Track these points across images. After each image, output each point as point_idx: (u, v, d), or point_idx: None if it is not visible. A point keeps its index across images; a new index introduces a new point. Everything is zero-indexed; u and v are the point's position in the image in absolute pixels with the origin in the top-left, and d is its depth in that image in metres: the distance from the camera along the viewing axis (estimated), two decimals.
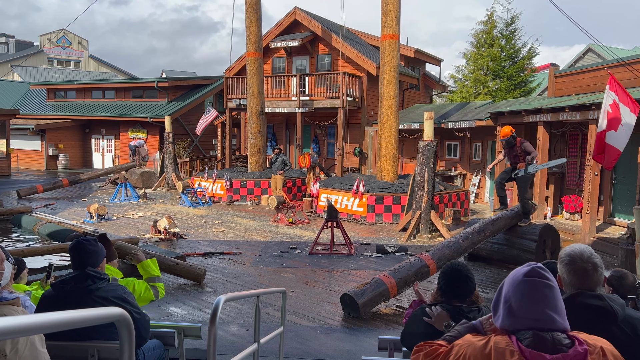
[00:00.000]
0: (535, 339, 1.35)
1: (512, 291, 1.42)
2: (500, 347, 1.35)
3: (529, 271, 1.43)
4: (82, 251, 2.87)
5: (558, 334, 1.37)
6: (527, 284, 1.41)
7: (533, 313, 1.38)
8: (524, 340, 1.36)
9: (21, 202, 14.98)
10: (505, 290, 1.45)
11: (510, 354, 1.33)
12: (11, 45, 49.45)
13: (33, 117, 26.66)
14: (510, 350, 1.34)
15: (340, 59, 19.39)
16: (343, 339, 5.63)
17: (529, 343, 1.35)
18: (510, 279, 1.46)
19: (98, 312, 1.17)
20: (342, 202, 13.10)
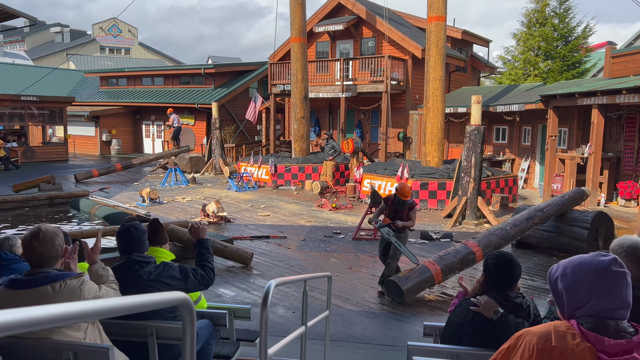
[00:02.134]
0: (598, 324, 1.36)
1: (600, 281, 1.39)
2: (560, 331, 1.37)
3: (615, 262, 1.41)
4: (128, 237, 3.03)
5: (622, 322, 1.37)
6: (617, 274, 1.39)
7: (621, 302, 1.38)
8: (586, 324, 1.37)
9: (79, 186, 15.74)
10: (586, 280, 1.42)
11: (572, 337, 1.34)
12: (66, 35, 51.51)
13: (87, 104, 27.79)
14: (571, 334, 1.35)
15: (384, 42, 19.14)
16: (387, 324, 5.68)
17: (590, 327, 1.36)
18: (592, 270, 1.42)
19: (163, 297, 1.26)
20: (385, 188, 13.05)
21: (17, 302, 2.09)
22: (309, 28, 19.60)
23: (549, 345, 1.35)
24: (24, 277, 2.10)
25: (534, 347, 1.37)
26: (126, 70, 29.21)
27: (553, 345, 1.34)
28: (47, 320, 0.95)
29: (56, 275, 2.09)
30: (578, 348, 1.32)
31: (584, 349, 1.31)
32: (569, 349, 1.32)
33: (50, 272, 2.10)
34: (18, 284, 2.07)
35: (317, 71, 19.61)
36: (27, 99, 22.22)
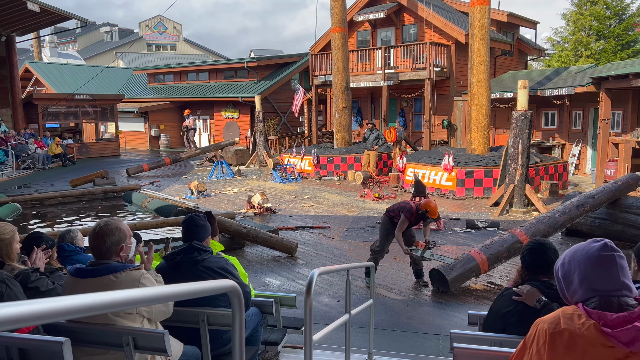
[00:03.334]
0: (602, 301, 1.46)
1: (589, 267, 1.50)
2: (567, 314, 1.48)
3: (604, 246, 1.51)
4: (191, 226, 3.19)
5: (625, 298, 1.46)
6: (605, 259, 1.49)
7: (614, 284, 1.48)
8: (591, 304, 1.47)
9: (130, 180, 16.40)
10: (578, 267, 1.52)
11: (577, 317, 1.45)
12: (115, 34, 53.36)
13: (136, 100, 28.77)
14: (577, 315, 1.46)
15: (426, 28, 18.81)
16: (432, 313, 5.69)
17: (595, 306, 1.46)
18: (582, 256, 1.52)
19: (214, 284, 1.36)
20: (429, 177, 12.92)
21: (82, 290, 2.27)
22: (350, 17, 19.51)
23: (558, 328, 1.46)
24: (88, 267, 2.28)
25: (546, 332, 1.48)
26: (172, 67, 30.01)
27: (562, 328, 1.45)
28: (114, 304, 1.06)
29: (117, 266, 2.25)
30: (584, 326, 1.42)
31: (589, 326, 1.42)
32: (576, 328, 1.43)
33: (112, 263, 2.26)
34: (83, 273, 2.25)
35: (358, 60, 19.53)
36: (81, 97, 23.26)
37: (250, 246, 8.34)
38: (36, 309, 0.82)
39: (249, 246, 8.34)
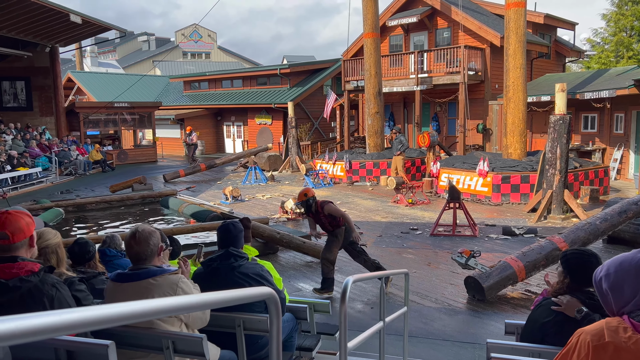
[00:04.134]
0: None
1: (631, 279, 1.45)
2: (612, 326, 1.42)
3: None
4: (227, 233, 3.25)
5: None
6: None
7: None
8: (636, 317, 1.41)
9: (167, 185, 16.79)
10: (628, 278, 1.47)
11: (623, 330, 1.39)
12: (152, 43, 54.84)
13: (173, 107, 29.46)
14: (623, 327, 1.40)
15: (460, 32, 18.59)
16: (467, 321, 5.60)
17: None
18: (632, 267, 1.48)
19: (252, 292, 1.39)
20: (464, 182, 12.73)
21: (124, 294, 2.35)
22: (382, 22, 19.48)
23: (602, 341, 1.40)
24: (128, 271, 2.36)
25: (588, 345, 1.42)
26: (207, 74, 30.61)
27: (607, 341, 1.39)
28: (156, 311, 1.11)
29: (156, 270, 2.33)
30: (631, 340, 1.36)
31: (637, 340, 1.36)
32: (622, 342, 1.37)
33: (151, 268, 2.34)
34: (124, 278, 2.33)
35: (390, 65, 19.46)
36: (120, 105, 23.98)
37: (283, 251, 8.40)
38: (88, 316, 0.86)
39: (282, 251, 8.41)
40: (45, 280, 2.06)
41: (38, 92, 22.58)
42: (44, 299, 2.03)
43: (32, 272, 2.02)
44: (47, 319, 0.73)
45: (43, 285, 2.05)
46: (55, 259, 2.51)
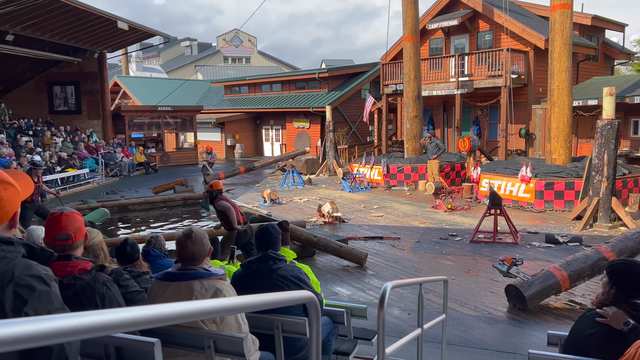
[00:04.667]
0: None
1: None
2: None
3: None
4: (266, 235, 3.31)
5: None
6: None
7: None
8: None
9: None
10: None
11: None
12: (194, 48, 56.18)
13: (214, 111, 30.07)
14: None
15: (503, 35, 18.21)
16: (508, 330, 5.48)
17: None
18: None
19: (294, 295, 1.42)
20: (506, 188, 12.45)
21: (170, 293, 2.43)
22: (422, 25, 19.31)
23: None
24: (177, 271, 2.44)
25: None
26: (247, 79, 31.10)
27: None
28: (202, 312, 1.15)
29: (204, 273, 2.39)
30: None
31: None
32: None
33: (199, 270, 2.41)
34: (173, 277, 2.41)
35: (430, 68, 19.25)
36: (163, 109, 24.67)
37: (320, 255, 8.44)
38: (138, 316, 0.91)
39: (319, 255, 8.44)
40: (97, 279, 2.16)
41: (86, 96, 23.51)
42: (96, 296, 2.13)
43: (85, 270, 2.12)
44: (108, 317, 0.78)
45: (95, 283, 2.14)
46: (103, 256, 2.63)
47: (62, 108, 23.62)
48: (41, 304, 1.40)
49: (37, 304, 1.39)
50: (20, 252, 1.45)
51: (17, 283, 1.38)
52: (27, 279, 1.40)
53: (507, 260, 6.17)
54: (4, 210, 1.51)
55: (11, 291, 1.36)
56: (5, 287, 1.35)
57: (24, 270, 1.41)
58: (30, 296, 1.38)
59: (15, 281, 1.37)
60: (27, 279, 1.40)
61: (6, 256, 1.40)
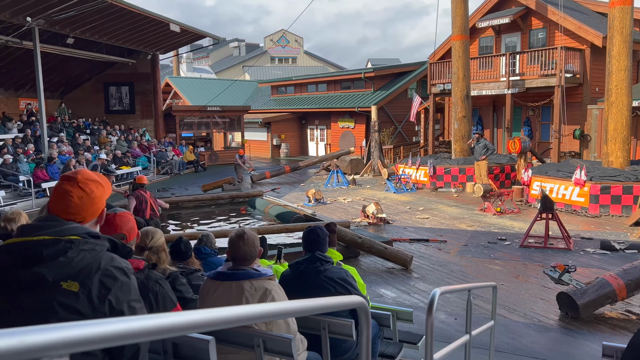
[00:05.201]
0: None
1: None
2: None
3: None
4: (314, 237, 3.35)
5: None
6: None
7: None
8: None
9: (254, 186, 17.44)
10: None
11: None
12: (242, 49, 57.19)
13: (260, 111, 30.54)
14: None
15: (557, 32, 17.57)
16: (559, 339, 5.30)
17: None
18: None
19: (344, 300, 1.45)
20: (558, 191, 12.02)
21: (221, 292, 2.51)
22: (472, 24, 18.91)
23: None
24: (229, 271, 2.52)
25: None
26: (293, 79, 31.40)
27: None
28: (258, 316, 1.19)
29: (253, 273, 2.46)
30: None
31: None
32: None
33: (249, 270, 2.48)
34: (224, 277, 2.50)
35: (480, 68, 18.82)
36: (212, 109, 25.28)
37: (364, 256, 8.43)
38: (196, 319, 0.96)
39: (363, 256, 8.44)
40: (150, 277, 2.26)
41: (140, 97, 24.40)
42: (149, 294, 2.23)
43: (138, 268, 2.22)
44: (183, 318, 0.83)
45: (148, 282, 2.24)
46: (164, 256, 2.74)
47: (117, 108, 24.62)
48: (122, 294, 1.54)
49: (119, 293, 1.53)
50: (105, 246, 1.59)
51: (103, 273, 1.52)
52: (111, 269, 1.54)
53: (559, 267, 5.97)
54: (95, 206, 1.67)
55: (97, 279, 1.51)
56: (93, 276, 1.50)
57: (109, 262, 1.55)
58: (113, 285, 1.52)
59: (101, 271, 1.52)
60: (111, 270, 1.54)
61: (94, 248, 1.55)
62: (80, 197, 1.63)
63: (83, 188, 1.64)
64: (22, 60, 18.88)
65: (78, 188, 1.63)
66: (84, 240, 1.55)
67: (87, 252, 1.53)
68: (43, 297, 1.46)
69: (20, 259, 1.50)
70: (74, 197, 1.62)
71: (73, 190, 1.63)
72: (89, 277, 1.50)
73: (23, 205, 12.69)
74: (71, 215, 1.61)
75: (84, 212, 1.64)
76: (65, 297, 1.47)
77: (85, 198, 1.63)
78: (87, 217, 1.65)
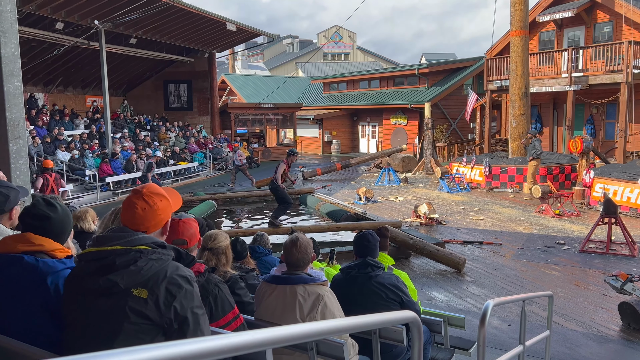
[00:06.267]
0: None
1: None
2: None
3: None
4: (365, 242, 3.39)
5: None
6: None
7: None
8: None
9: (305, 183, 17.63)
10: None
11: None
12: (296, 45, 57.72)
13: (312, 108, 30.74)
14: None
15: (624, 26, 16.66)
16: (620, 351, 5.10)
17: None
18: None
19: (397, 316, 1.48)
20: (622, 194, 11.43)
21: (275, 295, 2.61)
22: (532, 18, 18.24)
23: None
24: (283, 275, 2.61)
25: None
26: (346, 76, 31.39)
27: None
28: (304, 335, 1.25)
29: (307, 278, 2.55)
30: None
31: None
32: None
33: (303, 275, 2.57)
34: (279, 280, 2.60)
35: (539, 64, 18.12)
36: (266, 106, 25.71)
37: (415, 257, 8.37)
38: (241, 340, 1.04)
39: (415, 257, 8.38)
40: (210, 280, 2.38)
41: (197, 94, 25.18)
42: (209, 296, 2.35)
43: (199, 272, 2.33)
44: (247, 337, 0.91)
45: (208, 285, 2.36)
46: (225, 259, 2.86)
47: (176, 105, 25.51)
48: (187, 300, 1.65)
49: (183, 300, 1.64)
50: (171, 255, 1.73)
51: (169, 281, 1.64)
52: (176, 278, 1.66)
53: (621, 276, 5.72)
54: (158, 218, 1.79)
55: (164, 287, 1.63)
56: (160, 283, 1.63)
57: (174, 271, 1.67)
58: (178, 292, 1.64)
59: (167, 279, 1.64)
60: (176, 278, 1.66)
61: (161, 258, 1.68)
62: (143, 209, 1.76)
63: (147, 200, 1.77)
64: (88, 60, 19.93)
65: (142, 200, 1.77)
66: (152, 250, 1.68)
67: (155, 261, 1.66)
68: (117, 302, 1.60)
69: (96, 267, 1.65)
70: (138, 208, 1.76)
71: (138, 202, 1.77)
72: (157, 285, 1.62)
73: (89, 199, 13.44)
74: (136, 225, 1.75)
75: (147, 223, 1.77)
76: (136, 302, 1.60)
77: (148, 210, 1.76)
78: (150, 228, 1.78)
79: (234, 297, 2.51)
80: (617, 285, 5.73)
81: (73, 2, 15.01)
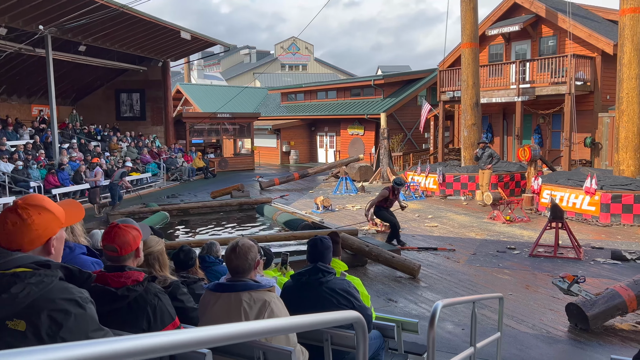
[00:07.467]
0: None
1: None
2: None
3: None
4: (317, 248, 3.34)
5: None
6: None
7: None
8: None
9: (263, 193, 17.47)
10: None
11: None
12: (253, 56, 57.58)
13: (270, 118, 30.66)
14: None
15: (567, 40, 17.48)
16: (568, 351, 5.23)
17: None
18: None
19: (340, 315, 1.43)
20: (568, 200, 11.90)
21: (220, 304, 2.50)
22: (482, 32, 18.88)
23: None
24: (227, 282, 2.51)
25: None
26: (303, 86, 31.51)
27: None
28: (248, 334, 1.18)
29: (252, 285, 2.46)
30: None
31: None
32: None
33: (248, 282, 2.48)
34: (223, 288, 2.49)
35: (489, 75, 18.76)
36: (222, 115, 25.42)
37: (371, 264, 8.39)
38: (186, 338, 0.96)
39: (371, 264, 8.39)
40: (148, 290, 2.24)
41: (150, 103, 24.62)
42: (147, 307, 2.21)
43: (137, 281, 2.20)
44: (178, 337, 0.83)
45: (147, 295, 2.22)
46: (158, 265, 2.73)
47: (128, 114, 24.85)
48: (78, 327, 1.44)
49: (74, 327, 1.43)
50: (56, 276, 1.48)
51: (52, 308, 1.41)
52: (62, 302, 1.43)
53: (567, 277, 5.89)
54: (34, 233, 1.54)
55: (46, 315, 1.40)
56: (41, 312, 1.39)
57: (60, 294, 1.44)
58: (65, 320, 1.42)
59: (50, 306, 1.41)
60: (62, 303, 1.43)
61: (42, 280, 1.43)
62: (14, 223, 1.52)
63: (20, 214, 1.53)
64: (34, 67, 19.15)
65: (15, 214, 1.53)
66: (31, 272, 1.43)
67: (34, 285, 1.41)
68: None
69: None
70: (9, 223, 1.52)
71: (9, 215, 1.53)
72: (36, 314, 1.39)
73: None
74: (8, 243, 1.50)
75: (19, 240, 1.51)
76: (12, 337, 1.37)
77: (20, 225, 1.52)
78: (24, 245, 1.52)
79: (177, 304, 2.39)
80: (564, 287, 5.90)
81: (17, 6, 14.41)
